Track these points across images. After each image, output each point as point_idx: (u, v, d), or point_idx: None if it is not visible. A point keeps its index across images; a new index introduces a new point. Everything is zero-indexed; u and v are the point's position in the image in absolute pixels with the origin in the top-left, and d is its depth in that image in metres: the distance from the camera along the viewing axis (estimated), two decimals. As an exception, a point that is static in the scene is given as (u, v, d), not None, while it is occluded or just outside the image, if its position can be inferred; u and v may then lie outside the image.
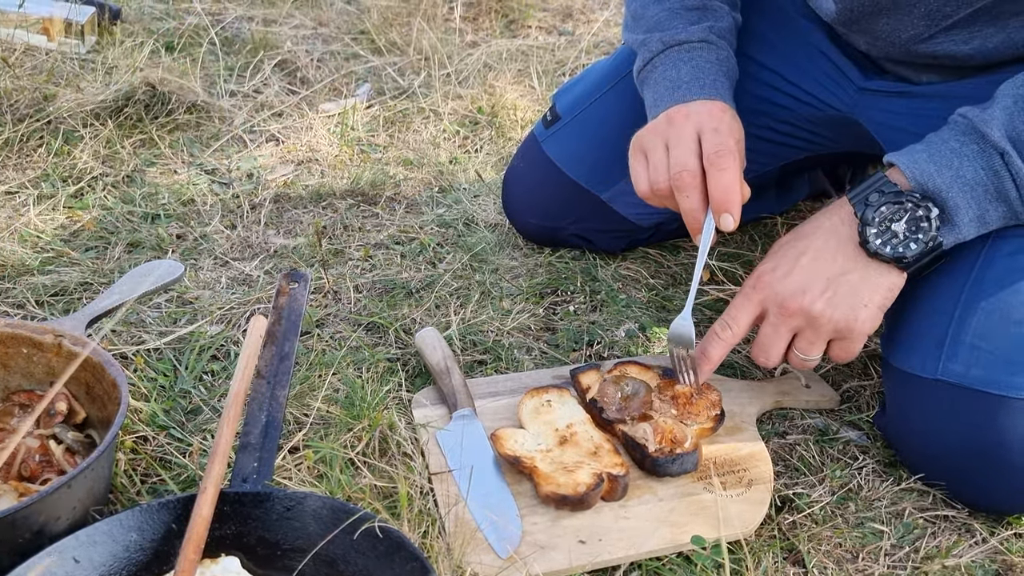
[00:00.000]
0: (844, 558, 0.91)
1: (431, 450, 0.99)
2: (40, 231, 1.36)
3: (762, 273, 0.98)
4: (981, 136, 0.91)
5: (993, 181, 0.91)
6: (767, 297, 0.97)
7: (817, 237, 0.97)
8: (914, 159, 0.93)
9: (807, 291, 0.94)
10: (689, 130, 1.03)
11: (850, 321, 0.94)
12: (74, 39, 1.91)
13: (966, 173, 0.91)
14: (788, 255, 0.97)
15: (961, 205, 0.91)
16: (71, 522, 0.79)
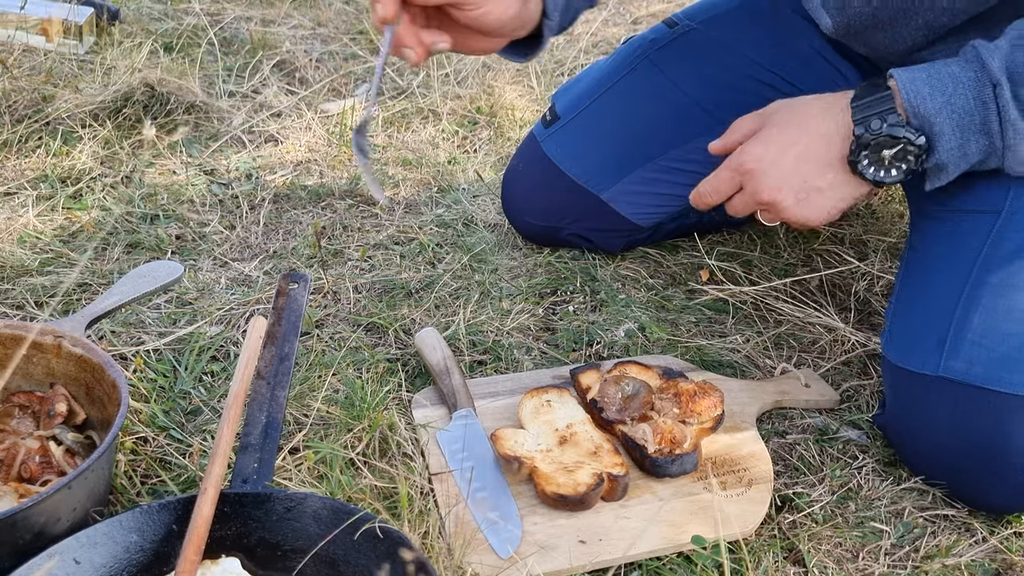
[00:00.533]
0: (844, 557, 0.91)
1: (431, 450, 0.99)
2: (39, 232, 1.36)
3: (747, 160, 1.01)
4: (981, 64, 0.91)
5: (980, 112, 0.92)
6: (748, 181, 1.01)
7: (811, 134, 0.98)
8: (912, 78, 0.93)
9: (784, 188, 0.99)
10: None
11: (808, 220, 1.01)
12: (73, 40, 1.91)
13: (957, 101, 0.92)
14: (779, 144, 0.99)
15: (946, 132, 0.92)
16: (71, 523, 0.79)
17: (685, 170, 1.31)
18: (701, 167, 1.31)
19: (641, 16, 2.51)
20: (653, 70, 1.31)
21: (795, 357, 1.21)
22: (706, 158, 1.31)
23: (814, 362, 1.20)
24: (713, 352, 1.20)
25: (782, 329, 1.26)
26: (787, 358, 1.20)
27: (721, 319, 1.28)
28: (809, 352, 1.22)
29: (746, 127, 1.05)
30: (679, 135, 1.30)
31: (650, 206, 1.34)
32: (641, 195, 1.33)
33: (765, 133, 1.01)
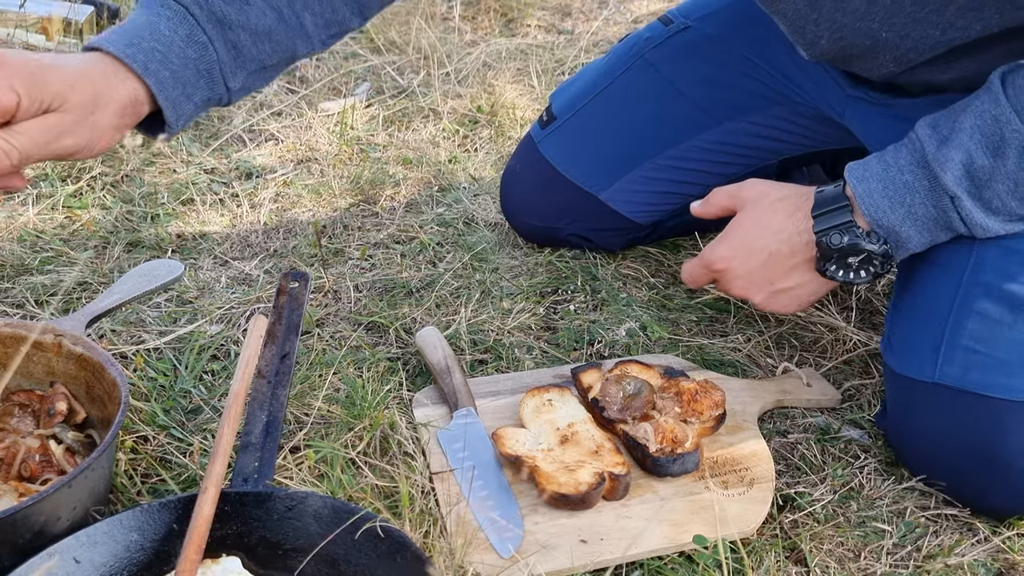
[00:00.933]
0: (846, 557, 0.91)
1: (432, 450, 0.98)
2: (39, 231, 1.36)
3: (718, 260, 1.05)
4: (933, 176, 0.92)
5: (943, 218, 0.94)
6: (719, 279, 1.07)
7: (776, 240, 1.01)
8: (869, 190, 0.95)
9: (752, 288, 1.05)
10: None
11: (780, 312, 1.08)
12: (73, 38, 1.90)
13: (917, 210, 0.94)
14: (743, 248, 1.03)
15: (913, 236, 0.95)
16: (71, 522, 0.79)
17: (683, 168, 1.31)
18: (698, 164, 1.31)
19: (641, 15, 2.51)
20: (649, 69, 1.30)
21: (796, 356, 1.21)
22: (703, 156, 1.31)
23: (815, 361, 1.20)
24: (714, 351, 1.20)
25: (783, 328, 1.26)
26: (788, 357, 1.20)
27: (722, 318, 1.28)
28: (810, 351, 1.22)
29: (720, 202, 1.09)
30: (676, 134, 1.29)
31: (649, 204, 1.34)
32: (639, 194, 1.33)
33: (731, 235, 1.05)
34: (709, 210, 1.10)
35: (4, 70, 0.75)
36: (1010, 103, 0.89)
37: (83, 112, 0.80)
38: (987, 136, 0.90)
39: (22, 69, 0.76)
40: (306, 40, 1.01)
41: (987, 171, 0.90)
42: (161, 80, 0.86)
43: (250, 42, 0.94)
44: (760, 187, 1.06)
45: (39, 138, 0.78)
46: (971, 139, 0.91)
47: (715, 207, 1.10)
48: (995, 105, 0.90)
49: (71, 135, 0.80)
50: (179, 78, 0.88)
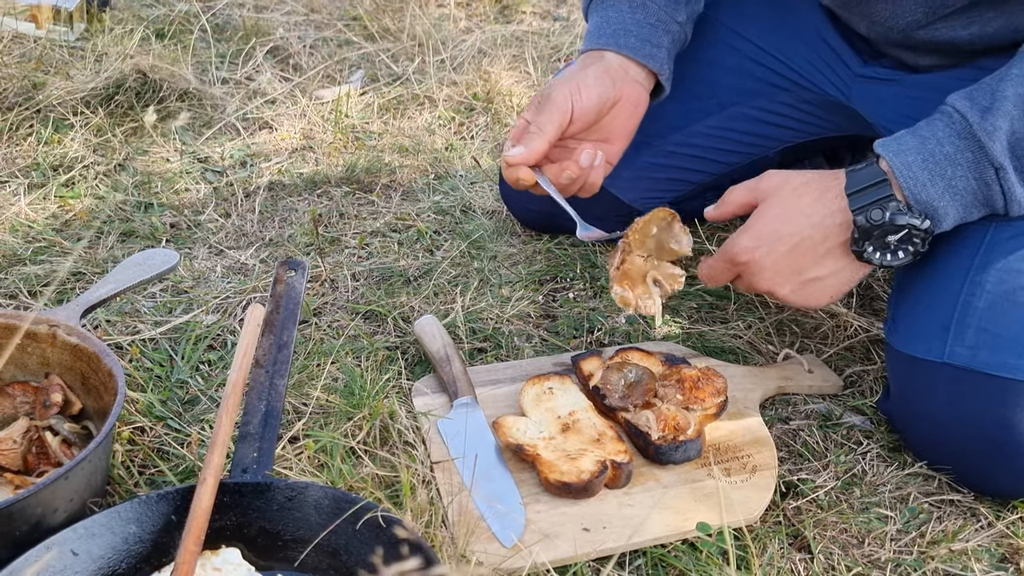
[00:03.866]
0: (850, 543, 0.91)
1: (433, 439, 0.98)
2: (31, 221, 1.34)
3: (741, 252, 0.97)
4: (979, 146, 0.89)
5: (983, 191, 0.91)
6: (743, 273, 0.99)
7: (805, 225, 0.94)
8: (906, 163, 0.91)
9: (779, 280, 0.97)
10: None
11: (808, 306, 1.00)
12: (63, 26, 1.88)
13: (958, 184, 0.90)
14: (769, 236, 0.95)
15: (950, 212, 0.92)
16: (69, 514, 0.78)
17: (685, 154, 1.30)
18: (701, 151, 1.30)
19: (637, 1, 2.49)
20: (653, 54, 1.29)
21: (798, 343, 1.20)
22: (706, 142, 1.30)
23: (817, 348, 1.19)
24: (715, 338, 1.20)
25: (784, 315, 1.25)
26: (790, 344, 1.20)
27: (723, 305, 1.27)
28: (812, 338, 1.21)
29: (739, 199, 1.01)
30: (680, 119, 1.28)
31: (650, 191, 1.33)
32: (641, 180, 1.32)
33: (755, 224, 0.97)
34: (726, 210, 1.03)
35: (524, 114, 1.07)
36: None
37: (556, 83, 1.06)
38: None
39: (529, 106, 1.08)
40: None
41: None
42: (631, 47, 1.09)
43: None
44: (780, 175, 1.00)
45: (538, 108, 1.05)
46: (1016, 107, 0.88)
47: (732, 205, 1.02)
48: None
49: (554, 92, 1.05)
50: (642, 37, 1.10)
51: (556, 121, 1.04)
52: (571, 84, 1.05)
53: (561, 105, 1.04)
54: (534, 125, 1.04)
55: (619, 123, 1.10)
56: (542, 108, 1.04)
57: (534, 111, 1.05)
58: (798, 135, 1.30)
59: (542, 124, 1.04)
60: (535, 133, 1.03)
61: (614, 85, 1.07)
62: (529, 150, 1.03)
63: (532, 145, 1.03)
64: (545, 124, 1.03)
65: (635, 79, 1.10)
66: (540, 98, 1.06)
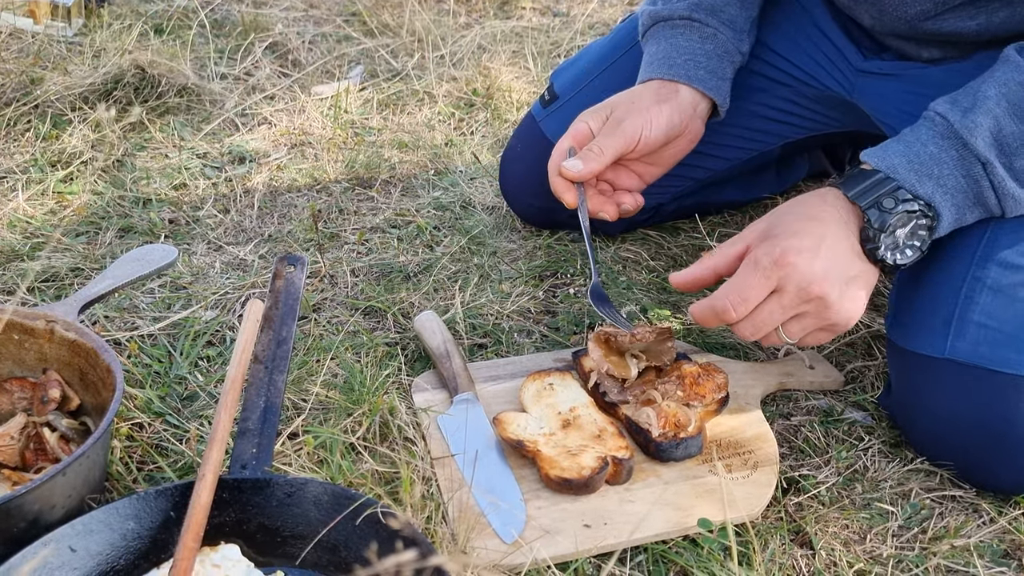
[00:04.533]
0: (852, 539, 0.90)
1: (433, 435, 0.97)
2: (29, 216, 1.34)
3: (787, 251, 0.87)
4: (963, 143, 0.89)
5: (973, 188, 0.91)
6: (788, 276, 0.87)
7: (832, 224, 0.90)
8: (893, 167, 0.90)
9: (830, 279, 0.87)
10: None
11: (850, 317, 0.91)
12: (61, 22, 1.88)
13: (947, 181, 0.90)
14: (812, 234, 0.88)
15: (943, 212, 0.91)
16: (67, 511, 0.77)
17: (685, 149, 1.29)
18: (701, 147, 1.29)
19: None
20: (654, 48, 1.29)
21: (798, 338, 1.19)
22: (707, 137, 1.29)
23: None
24: (716, 334, 1.19)
25: (785, 310, 1.24)
26: (790, 340, 1.19)
27: (723, 301, 1.26)
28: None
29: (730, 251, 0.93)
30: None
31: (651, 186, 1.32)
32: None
33: (784, 229, 0.89)
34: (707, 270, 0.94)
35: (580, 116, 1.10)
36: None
37: (626, 103, 1.08)
38: (1013, 103, 0.88)
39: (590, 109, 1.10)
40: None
41: (1017, 138, 0.88)
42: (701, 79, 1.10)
43: (736, 13, 1.15)
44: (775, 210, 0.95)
45: (607, 131, 1.06)
46: (998, 105, 0.89)
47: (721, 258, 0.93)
48: (1019, 72, 0.89)
49: (625, 118, 1.06)
50: (710, 69, 1.11)
51: (621, 148, 1.06)
52: (645, 116, 1.06)
53: (631, 136, 1.05)
54: (598, 146, 1.05)
55: (671, 154, 1.12)
56: (611, 132, 1.06)
57: (601, 128, 1.07)
58: (799, 131, 1.29)
59: (606, 147, 1.05)
60: (597, 155, 1.04)
61: (682, 122, 1.09)
62: (588, 170, 1.04)
63: (591, 166, 1.04)
64: (609, 148, 1.05)
65: (699, 115, 1.11)
66: (610, 118, 1.07)
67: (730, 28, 1.14)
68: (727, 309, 0.90)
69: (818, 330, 0.92)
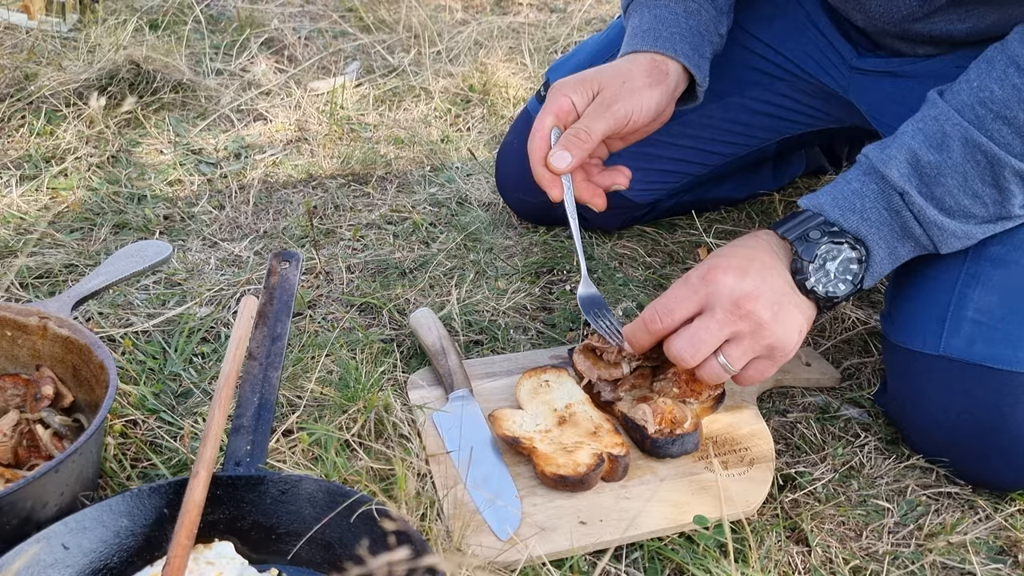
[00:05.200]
0: (847, 536, 0.90)
1: (428, 432, 0.97)
2: (23, 212, 1.33)
3: (714, 267, 0.88)
4: (881, 176, 0.91)
5: (896, 220, 0.91)
6: (716, 292, 0.87)
7: (762, 251, 0.91)
8: (819, 205, 0.92)
9: (760, 297, 0.87)
10: None
11: (786, 342, 0.89)
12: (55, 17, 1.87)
13: (871, 215, 0.91)
14: (742, 256, 0.90)
15: (872, 247, 0.91)
16: (59, 508, 0.77)
17: (682, 145, 1.29)
18: (698, 142, 1.30)
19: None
20: (650, 44, 1.28)
21: (795, 335, 1.19)
22: (704, 133, 1.29)
23: (814, 340, 1.19)
24: (712, 331, 1.19)
25: (781, 307, 1.24)
26: (787, 336, 1.19)
27: (720, 297, 1.26)
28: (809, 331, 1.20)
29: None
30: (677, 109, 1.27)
31: (646, 183, 1.32)
32: (637, 171, 1.30)
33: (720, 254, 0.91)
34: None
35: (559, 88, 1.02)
36: (948, 104, 0.90)
37: (616, 82, 1.01)
38: (929, 135, 0.90)
39: (571, 81, 1.02)
40: None
41: (934, 166, 0.89)
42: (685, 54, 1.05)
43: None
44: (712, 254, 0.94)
45: (596, 113, 0.99)
46: (913, 138, 0.91)
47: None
48: (934, 108, 0.91)
49: (616, 101, 1.00)
50: (693, 45, 1.07)
51: (609, 131, 1.00)
52: (636, 100, 1.00)
53: (621, 119, 1.00)
54: (585, 130, 0.98)
55: (643, 133, 1.08)
56: (600, 114, 0.99)
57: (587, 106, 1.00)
58: (796, 126, 1.29)
59: (594, 131, 0.99)
60: (585, 140, 0.98)
61: (668, 106, 1.05)
62: (577, 159, 0.98)
63: (579, 154, 0.98)
64: (597, 132, 0.99)
65: (676, 95, 1.07)
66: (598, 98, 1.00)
67: (712, 5, 1.10)
68: (653, 318, 0.90)
69: (759, 358, 0.90)
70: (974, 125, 0.88)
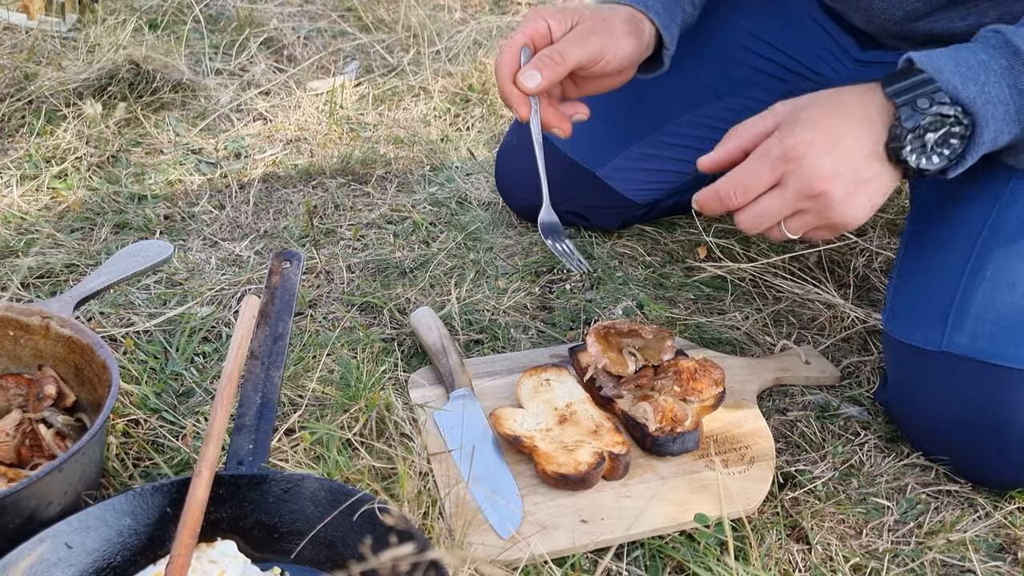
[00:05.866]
0: (848, 534, 0.90)
1: (429, 431, 0.97)
2: (24, 212, 1.33)
3: (797, 144, 0.85)
4: (1014, 51, 0.84)
5: (1016, 101, 0.85)
6: (795, 170, 0.86)
7: (854, 122, 0.86)
8: (938, 68, 0.86)
9: (837, 177, 0.85)
10: None
11: (851, 220, 0.89)
12: (55, 17, 1.87)
13: (991, 90, 0.85)
14: (828, 131, 0.86)
15: (980, 124, 0.85)
16: (63, 507, 0.77)
17: (682, 145, 1.29)
18: (697, 142, 1.30)
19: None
20: (650, 43, 1.28)
21: (795, 334, 1.20)
22: (703, 133, 1.29)
23: (814, 339, 1.19)
24: (712, 329, 1.19)
25: (781, 306, 1.25)
26: (787, 335, 1.19)
27: (720, 296, 1.27)
28: (808, 329, 1.21)
29: (755, 129, 0.91)
30: (676, 109, 1.28)
31: (646, 182, 1.32)
32: (637, 171, 1.31)
33: (806, 119, 0.87)
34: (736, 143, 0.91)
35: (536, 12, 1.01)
36: None
37: (597, 19, 1.01)
38: None
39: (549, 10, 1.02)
40: None
41: None
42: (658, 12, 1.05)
43: None
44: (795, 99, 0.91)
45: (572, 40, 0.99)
46: None
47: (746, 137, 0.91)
48: None
49: (595, 34, 1.00)
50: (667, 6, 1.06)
51: (583, 61, 0.99)
52: (614, 41, 1.01)
53: (596, 52, 1.00)
54: (559, 52, 0.98)
55: (603, 86, 1.07)
56: (579, 41, 0.99)
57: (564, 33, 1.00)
58: (796, 125, 1.29)
59: (568, 54, 0.98)
60: (559, 62, 0.98)
61: (637, 59, 1.04)
62: (547, 80, 0.98)
63: (550, 75, 0.98)
64: (572, 56, 0.98)
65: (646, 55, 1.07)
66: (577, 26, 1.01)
67: None
68: (729, 195, 0.89)
69: (819, 227, 0.90)
70: None
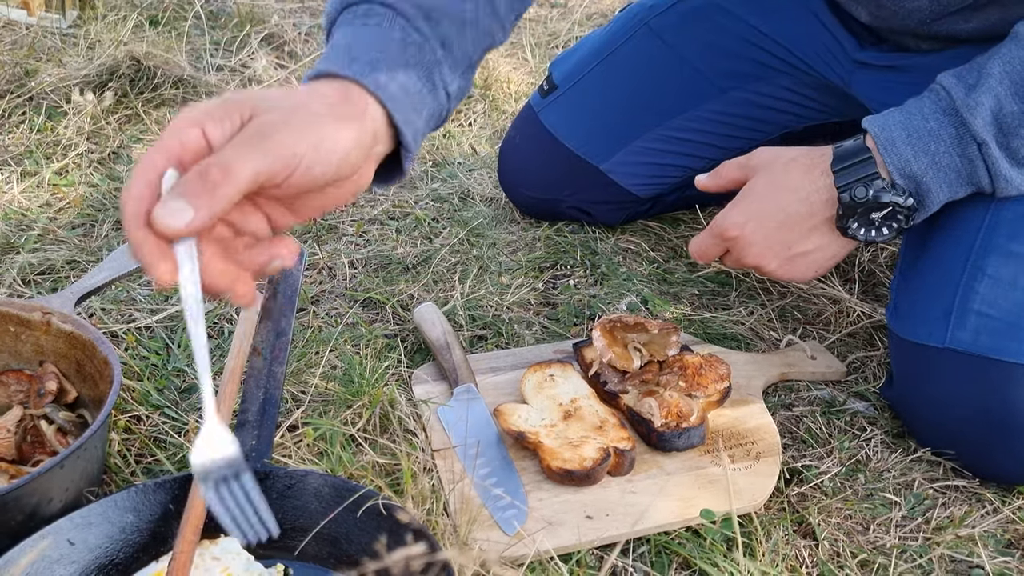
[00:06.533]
0: (855, 530, 0.90)
1: (433, 427, 0.96)
2: (25, 208, 1.33)
3: (730, 227, 0.98)
4: (962, 122, 0.89)
5: (967, 168, 0.90)
6: (732, 246, 1.00)
7: (796, 201, 0.96)
8: (892, 140, 0.91)
9: (768, 253, 0.98)
10: None
11: (798, 280, 1.02)
12: (55, 13, 1.86)
13: (942, 160, 0.90)
14: (759, 211, 0.97)
15: (934, 190, 0.91)
16: (64, 504, 0.77)
17: (685, 139, 1.29)
18: (700, 136, 1.29)
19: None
20: (652, 37, 1.28)
21: (800, 329, 1.19)
22: (706, 127, 1.29)
23: (819, 334, 1.19)
24: (717, 325, 1.19)
25: (786, 301, 1.24)
26: (792, 330, 1.19)
27: (724, 292, 1.26)
28: (814, 324, 1.20)
29: (730, 173, 1.03)
30: (679, 103, 1.27)
31: (649, 177, 1.32)
32: (640, 166, 1.31)
33: (745, 200, 0.98)
34: (718, 182, 1.04)
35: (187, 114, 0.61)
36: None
37: (283, 108, 0.62)
38: (1016, 82, 0.88)
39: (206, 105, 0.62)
40: (500, 26, 0.83)
41: (1016, 117, 0.88)
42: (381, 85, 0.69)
43: (456, 34, 0.76)
44: (771, 152, 1.01)
45: (242, 144, 0.59)
46: (1000, 84, 0.88)
47: (724, 179, 1.03)
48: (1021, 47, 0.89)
49: (280, 132, 0.60)
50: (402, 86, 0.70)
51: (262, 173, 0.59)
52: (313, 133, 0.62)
53: (284, 158, 0.60)
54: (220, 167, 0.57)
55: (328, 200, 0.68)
56: (251, 144, 0.59)
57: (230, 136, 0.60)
58: (799, 120, 1.29)
59: (236, 170, 0.58)
60: (221, 185, 0.57)
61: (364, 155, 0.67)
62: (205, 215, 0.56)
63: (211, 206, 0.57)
64: (242, 172, 0.58)
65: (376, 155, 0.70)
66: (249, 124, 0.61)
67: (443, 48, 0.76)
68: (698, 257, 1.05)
69: None
70: None
